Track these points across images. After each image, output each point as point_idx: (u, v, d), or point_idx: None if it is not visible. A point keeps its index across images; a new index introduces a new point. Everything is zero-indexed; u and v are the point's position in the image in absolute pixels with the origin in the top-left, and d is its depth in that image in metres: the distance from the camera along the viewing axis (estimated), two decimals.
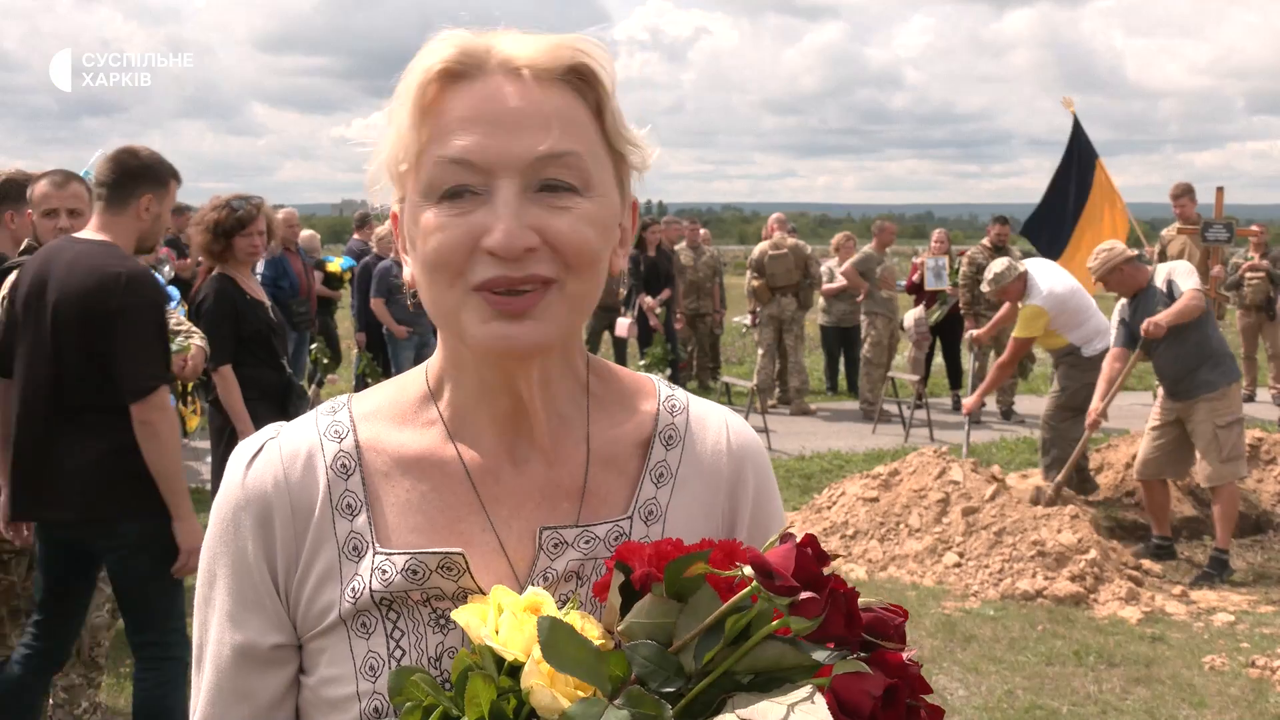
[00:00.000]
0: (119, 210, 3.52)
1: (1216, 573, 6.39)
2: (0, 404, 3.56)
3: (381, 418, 1.05)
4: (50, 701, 4.04)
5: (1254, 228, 12.43)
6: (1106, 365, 6.82)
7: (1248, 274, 12.24)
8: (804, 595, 0.75)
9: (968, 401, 8.57)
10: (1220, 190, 10.17)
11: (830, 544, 6.83)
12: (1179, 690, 4.84)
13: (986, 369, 11.73)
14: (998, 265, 7.97)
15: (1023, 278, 7.76)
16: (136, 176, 3.53)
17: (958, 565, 6.35)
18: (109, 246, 3.47)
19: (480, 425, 1.02)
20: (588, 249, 0.94)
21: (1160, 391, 6.72)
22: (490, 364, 0.98)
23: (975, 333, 9.78)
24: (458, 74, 0.93)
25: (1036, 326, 7.57)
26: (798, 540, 0.76)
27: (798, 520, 7.21)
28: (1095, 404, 6.84)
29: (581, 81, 0.96)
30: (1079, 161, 9.90)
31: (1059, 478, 7.21)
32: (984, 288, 8.42)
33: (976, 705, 4.69)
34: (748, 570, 0.78)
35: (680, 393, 1.13)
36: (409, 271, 1.00)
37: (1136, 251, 6.99)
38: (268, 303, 4.61)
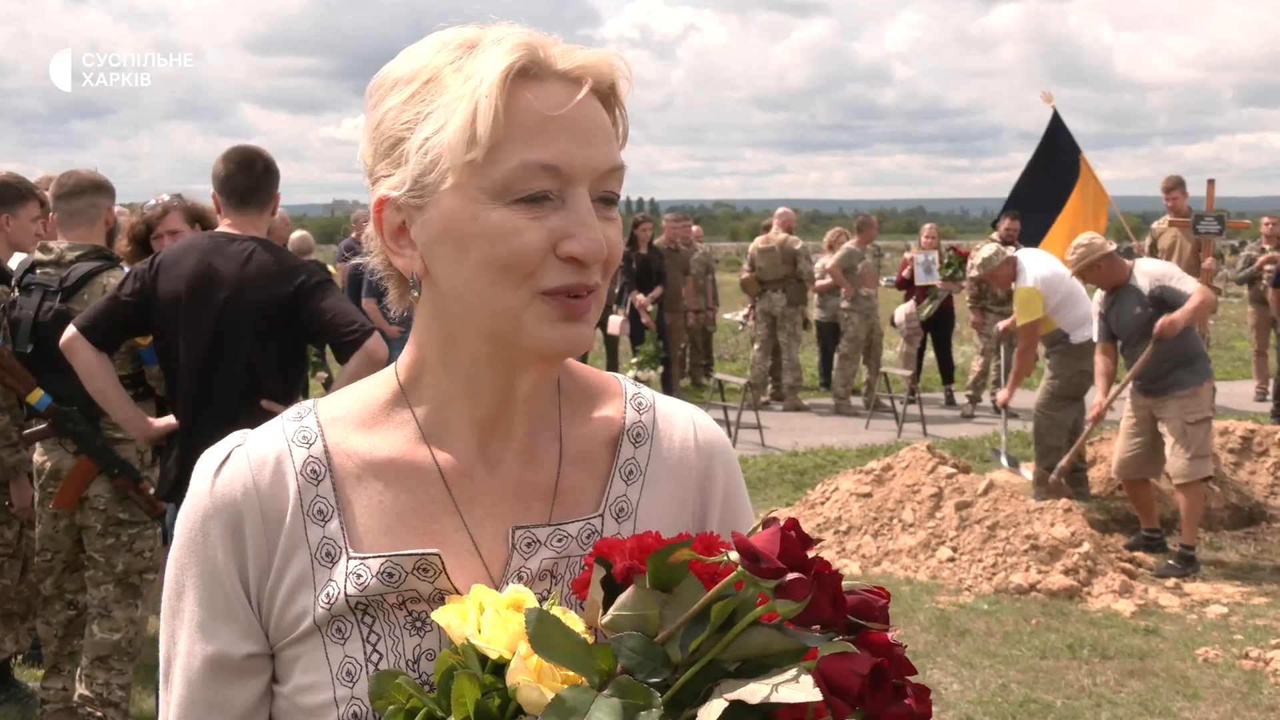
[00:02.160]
0: (260, 210, 3.65)
1: (1182, 568, 6.40)
2: (105, 368, 3.57)
3: (349, 421, 1.04)
4: (81, 690, 3.93)
5: (1266, 220, 12.13)
6: (1099, 360, 6.83)
7: (1266, 267, 11.74)
8: (790, 577, 0.75)
9: (1002, 395, 8.57)
10: (1211, 183, 10.17)
11: (824, 539, 6.83)
12: (1173, 682, 4.85)
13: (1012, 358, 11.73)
14: (986, 250, 8.11)
15: (1011, 261, 7.81)
16: (268, 175, 3.67)
17: (951, 560, 6.35)
18: (268, 241, 3.60)
19: (457, 426, 1.02)
20: (617, 258, 0.97)
21: (1130, 388, 6.71)
22: (522, 366, 0.98)
23: (1002, 325, 9.68)
24: (527, 73, 0.92)
25: (1035, 308, 7.58)
26: (781, 524, 0.76)
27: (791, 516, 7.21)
28: (1099, 399, 6.83)
29: (610, 96, 0.99)
30: (1059, 155, 9.89)
31: (1062, 463, 7.22)
32: (972, 271, 8.45)
33: (971, 699, 4.69)
34: (733, 556, 0.77)
35: (646, 391, 1.13)
36: (400, 264, 0.98)
37: (1115, 246, 7.00)
38: None
